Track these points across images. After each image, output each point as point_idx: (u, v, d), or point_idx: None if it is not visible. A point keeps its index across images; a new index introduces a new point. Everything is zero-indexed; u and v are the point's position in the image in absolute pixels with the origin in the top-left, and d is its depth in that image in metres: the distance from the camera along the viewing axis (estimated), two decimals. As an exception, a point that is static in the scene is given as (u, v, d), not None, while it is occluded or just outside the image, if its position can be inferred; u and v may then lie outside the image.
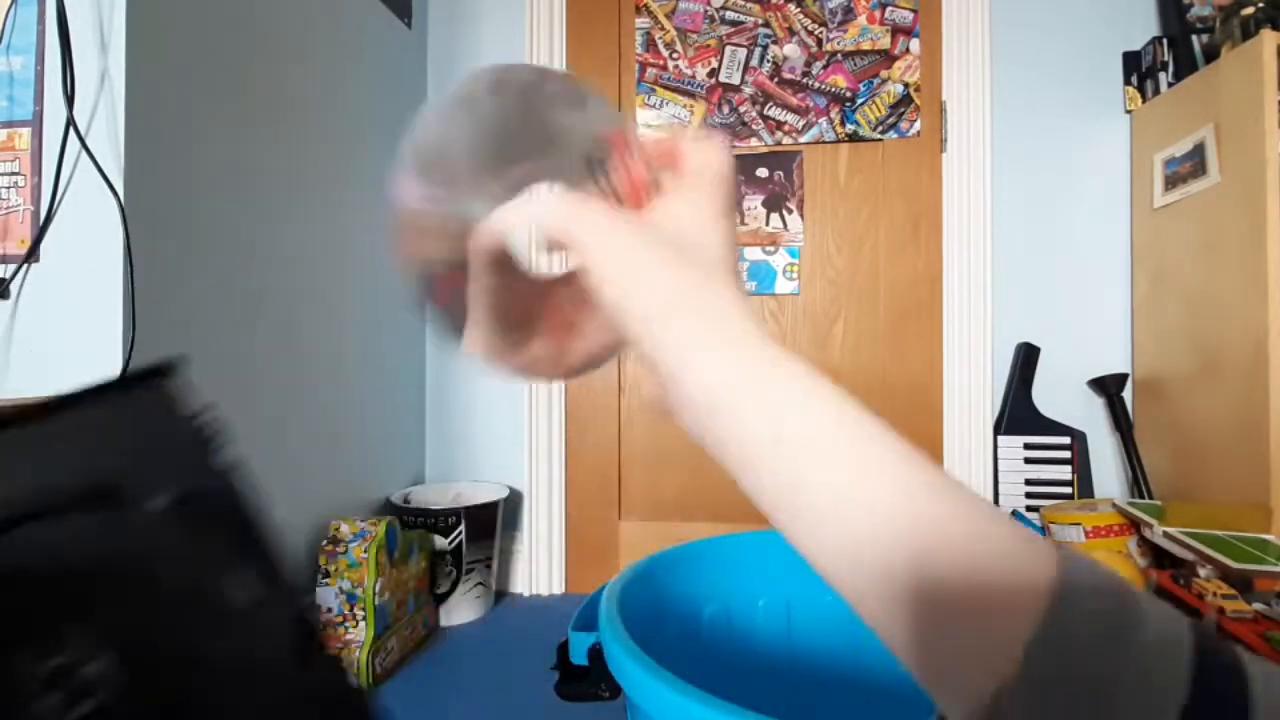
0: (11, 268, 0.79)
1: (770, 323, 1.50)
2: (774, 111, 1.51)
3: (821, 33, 1.50)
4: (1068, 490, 1.38)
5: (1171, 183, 1.28)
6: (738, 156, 1.52)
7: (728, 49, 1.52)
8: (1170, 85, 1.31)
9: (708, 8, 1.53)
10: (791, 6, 1.51)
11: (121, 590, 0.19)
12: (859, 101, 1.48)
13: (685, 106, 1.53)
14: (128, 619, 0.18)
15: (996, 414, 1.44)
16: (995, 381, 1.45)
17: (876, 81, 1.48)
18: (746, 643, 0.78)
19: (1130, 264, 1.41)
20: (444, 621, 1.34)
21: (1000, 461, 1.42)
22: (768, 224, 1.50)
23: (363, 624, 1.09)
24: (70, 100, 0.77)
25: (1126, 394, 1.40)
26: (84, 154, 0.78)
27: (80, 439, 0.20)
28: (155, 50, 0.83)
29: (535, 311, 0.28)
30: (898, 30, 1.48)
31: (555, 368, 0.28)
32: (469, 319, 0.26)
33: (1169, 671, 0.16)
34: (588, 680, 0.55)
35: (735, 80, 1.52)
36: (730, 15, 1.52)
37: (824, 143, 1.49)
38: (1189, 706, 0.15)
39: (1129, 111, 1.41)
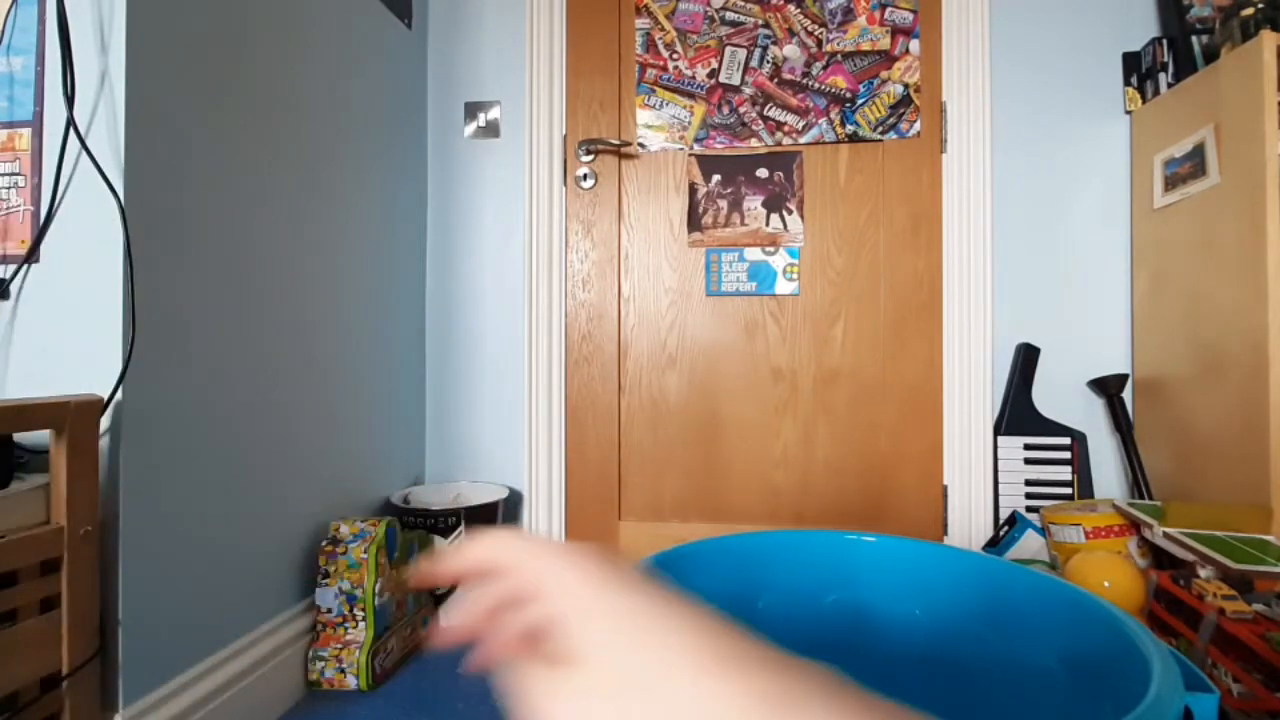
0: (11, 268, 0.79)
1: (770, 323, 1.51)
2: (774, 112, 1.51)
3: (821, 33, 1.50)
4: (1068, 491, 1.38)
5: (1171, 183, 1.28)
6: (738, 157, 1.52)
7: (728, 50, 1.52)
8: (1170, 86, 1.31)
9: (708, 8, 1.53)
10: (791, 7, 1.51)
11: None
12: (859, 102, 1.48)
13: (685, 107, 1.53)
14: None
15: (996, 414, 1.44)
16: (995, 381, 1.45)
17: (876, 82, 1.48)
18: (746, 643, 0.78)
19: (1130, 264, 1.41)
20: (444, 622, 1.34)
21: (1000, 462, 1.42)
22: (768, 224, 1.50)
23: (362, 624, 1.09)
24: (70, 101, 0.77)
25: (1126, 394, 1.40)
26: (84, 154, 0.78)
27: None
28: (155, 50, 0.83)
29: None
30: (898, 31, 1.48)
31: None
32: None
33: None
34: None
35: (735, 81, 1.52)
36: (730, 16, 1.52)
37: (824, 143, 1.49)
38: None
39: (1129, 112, 1.41)
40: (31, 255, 0.79)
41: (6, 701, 0.67)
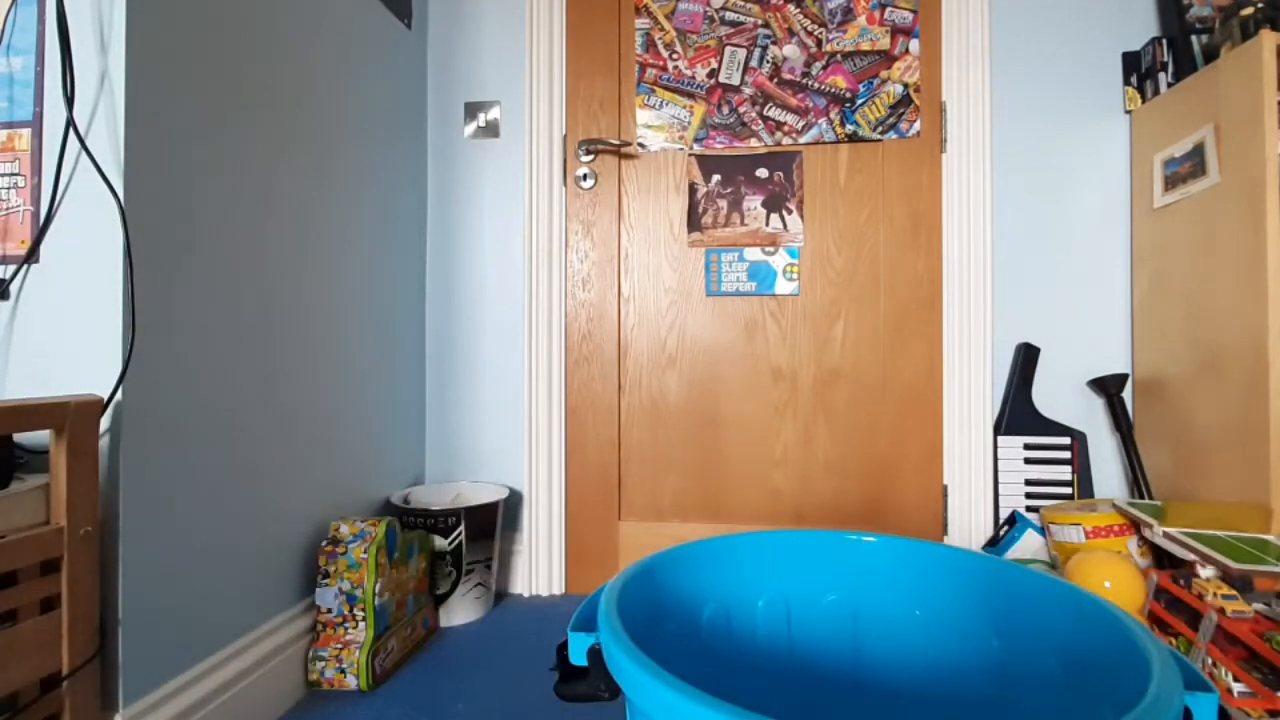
0: (11, 268, 0.79)
1: (770, 323, 1.51)
2: (774, 112, 1.51)
3: (821, 33, 1.50)
4: (1068, 490, 1.38)
5: (1171, 183, 1.28)
6: (738, 157, 1.52)
7: (727, 50, 1.52)
8: (1170, 85, 1.31)
9: (707, 8, 1.53)
10: (791, 7, 1.51)
11: None
12: (859, 102, 1.48)
13: (685, 107, 1.53)
14: None
15: (996, 414, 1.44)
16: (995, 381, 1.45)
17: (876, 82, 1.48)
18: (746, 643, 0.78)
19: (1130, 264, 1.41)
20: (444, 622, 1.34)
21: (1000, 461, 1.42)
22: (768, 224, 1.50)
23: (363, 624, 1.09)
24: (70, 101, 0.77)
25: (1126, 394, 1.41)
26: (84, 154, 0.78)
27: None
28: (155, 50, 0.83)
29: None
30: (897, 31, 1.48)
31: None
32: None
33: None
34: (587, 680, 0.55)
35: (735, 81, 1.52)
36: (730, 16, 1.52)
37: (824, 143, 1.50)
38: None
39: (1129, 112, 1.41)
40: (31, 255, 0.79)
41: (6, 701, 0.67)
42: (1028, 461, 1.41)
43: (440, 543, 1.33)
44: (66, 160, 0.78)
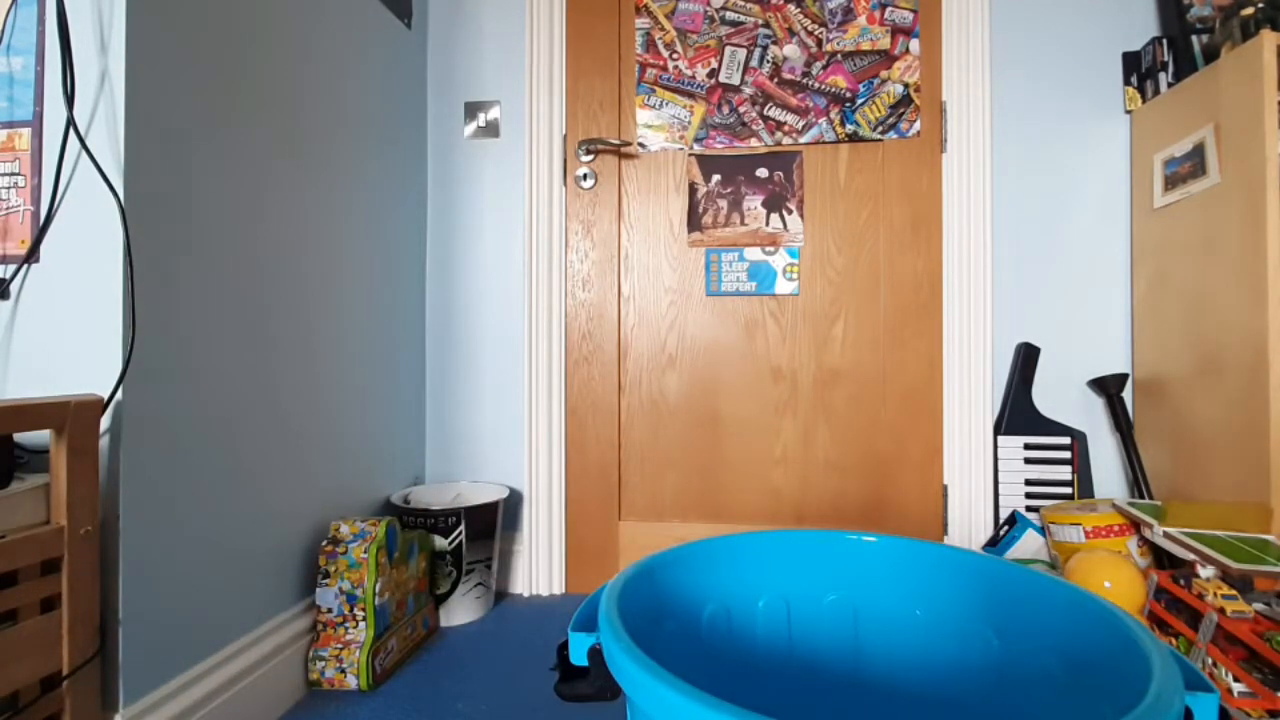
0: (11, 268, 0.79)
1: (770, 323, 1.51)
2: (774, 112, 1.51)
3: (821, 33, 1.50)
4: (1068, 490, 1.38)
5: (1171, 183, 1.28)
6: (738, 157, 1.52)
7: (727, 49, 1.52)
8: (1170, 85, 1.31)
9: (708, 8, 1.53)
10: (791, 7, 1.51)
11: None
12: (859, 102, 1.48)
13: (685, 107, 1.53)
14: None
15: (996, 414, 1.44)
16: (995, 381, 1.45)
17: (876, 82, 1.48)
18: (746, 643, 0.78)
19: (1130, 264, 1.41)
20: (444, 622, 1.34)
21: (1000, 461, 1.42)
22: (768, 224, 1.50)
23: (363, 624, 1.09)
24: (70, 101, 0.77)
25: (1126, 394, 1.41)
26: (84, 154, 0.78)
27: None
28: (155, 50, 0.83)
29: None
30: (897, 30, 1.48)
31: None
32: None
33: None
34: (588, 680, 0.55)
35: (735, 81, 1.52)
36: (730, 16, 1.52)
37: (824, 143, 1.49)
38: None
39: (1129, 112, 1.41)
40: (31, 255, 0.79)
41: (7, 701, 0.67)
42: (1028, 461, 1.41)
43: (440, 542, 1.33)
44: (66, 160, 0.78)
